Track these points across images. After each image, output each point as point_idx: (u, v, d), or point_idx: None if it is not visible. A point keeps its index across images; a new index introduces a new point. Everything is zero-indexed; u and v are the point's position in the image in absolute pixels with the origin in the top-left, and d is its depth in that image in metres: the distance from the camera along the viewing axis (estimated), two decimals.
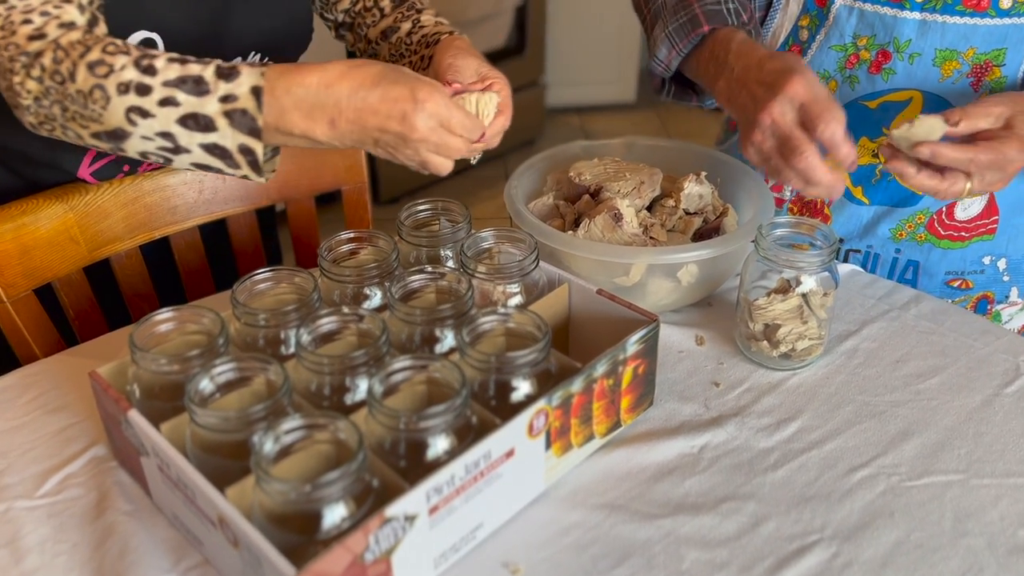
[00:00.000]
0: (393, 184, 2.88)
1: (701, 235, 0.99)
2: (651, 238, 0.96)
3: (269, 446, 0.62)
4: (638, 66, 3.59)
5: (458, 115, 0.76)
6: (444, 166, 0.79)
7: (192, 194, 1.05)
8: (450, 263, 0.88)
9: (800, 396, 0.85)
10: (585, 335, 0.87)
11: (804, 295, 0.85)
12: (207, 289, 1.09)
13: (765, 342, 0.87)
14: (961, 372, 0.87)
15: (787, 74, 0.79)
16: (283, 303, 0.77)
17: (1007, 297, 1.06)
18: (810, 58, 1.00)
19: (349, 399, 0.71)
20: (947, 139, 0.80)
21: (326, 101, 0.73)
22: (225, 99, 0.73)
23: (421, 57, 0.95)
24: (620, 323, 0.81)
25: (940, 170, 0.81)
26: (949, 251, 1.03)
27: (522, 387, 0.72)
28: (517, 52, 3.11)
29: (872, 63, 0.96)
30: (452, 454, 0.65)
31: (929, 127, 0.80)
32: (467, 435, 0.67)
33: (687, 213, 1.00)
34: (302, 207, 1.14)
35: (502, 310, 0.75)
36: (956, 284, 1.06)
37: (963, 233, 1.02)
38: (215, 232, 1.11)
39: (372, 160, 2.69)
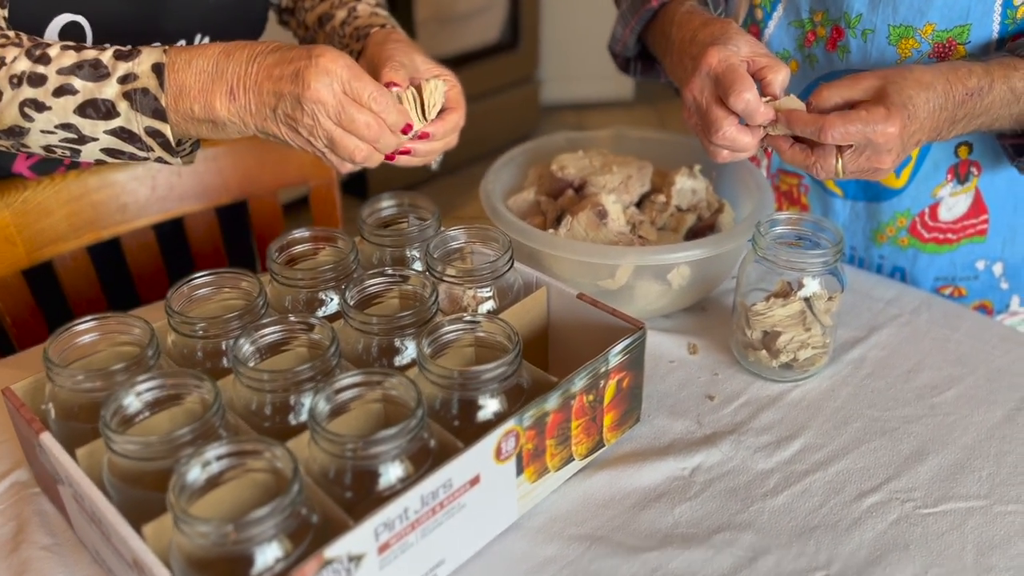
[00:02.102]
0: (382, 182, 2.80)
1: (695, 233, 0.92)
2: (639, 237, 0.88)
3: (192, 476, 0.54)
4: None
5: (366, 84, 0.68)
6: (356, 148, 0.70)
7: (144, 191, 0.97)
8: (417, 265, 0.80)
9: (803, 411, 0.77)
10: (566, 344, 0.79)
11: (807, 299, 0.77)
12: (163, 294, 1.01)
13: (764, 351, 0.79)
14: (980, 383, 0.79)
15: (706, 47, 0.77)
16: (230, 310, 0.69)
17: (1007, 306, 0.98)
18: (768, 36, 0.93)
19: (294, 420, 0.63)
20: None
21: (225, 69, 0.67)
22: (124, 79, 0.66)
23: (351, 51, 0.87)
24: (604, 331, 0.73)
25: (812, 146, 0.76)
26: (936, 256, 0.95)
27: (490, 405, 0.64)
28: (510, 47, 3.03)
29: (828, 40, 0.89)
30: (407, 483, 0.57)
31: (789, 105, 0.76)
32: (424, 461, 0.59)
33: (679, 210, 0.92)
34: (265, 204, 1.06)
35: (469, 317, 0.67)
36: (948, 292, 0.97)
37: (950, 235, 0.93)
38: (173, 232, 1.03)
39: None
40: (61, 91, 0.67)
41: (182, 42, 0.85)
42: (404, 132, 0.73)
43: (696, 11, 0.85)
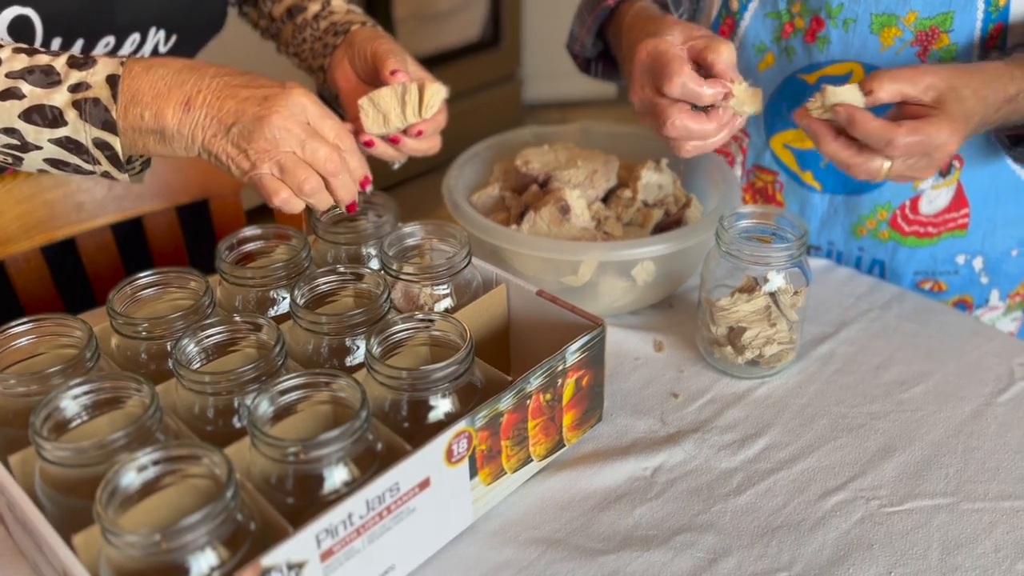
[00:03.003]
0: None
1: (662, 229, 0.90)
2: (605, 232, 0.86)
3: (125, 483, 0.52)
4: None
5: (334, 123, 0.68)
6: (306, 178, 0.66)
7: (100, 190, 0.95)
8: (375, 263, 0.78)
9: (768, 408, 0.75)
10: (527, 342, 0.77)
11: (772, 294, 0.76)
12: None
13: (729, 347, 0.78)
14: (949, 379, 0.78)
15: (641, 43, 0.75)
16: (179, 310, 0.67)
17: (987, 301, 0.96)
18: (744, 29, 0.91)
19: (239, 423, 0.61)
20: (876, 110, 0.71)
21: (186, 80, 0.65)
22: (76, 88, 0.64)
23: (325, 45, 0.86)
24: (564, 328, 0.71)
25: (857, 143, 0.71)
26: (916, 249, 0.94)
27: (441, 406, 0.62)
28: (492, 45, 3.01)
29: (807, 31, 0.87)
30: (353, 487, 0.55)
31: (846, 97, 0.70)
32: (370, 464, 0.57)
33: (645, 205, 0.91)
34: (227, 204, 1.04)
35: (421, 316, 0.65)
36: (928, 286, 0.96)
37: (930, 228, 0.92)
38: (131, 233, 1.01)
39: None
40: (7, 94, 0.64)
41: (135, 35, 0.83)
42: (362, 186, 0.71)
43: (644, 12, 0.82)
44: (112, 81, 0.63)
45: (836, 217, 0.95)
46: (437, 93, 0.74)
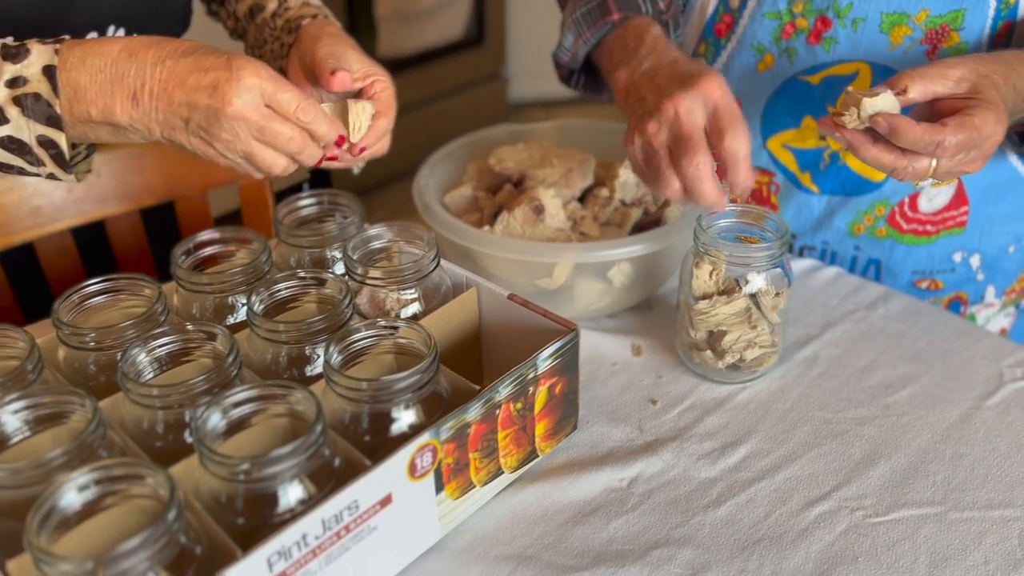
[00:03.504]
0: (348, 181, 2.73)
1: (641, 229, 0.87)
2: (581, 233, 0.84)
3: (63, 504, 0.48)
4: None
5: (293, 96, 0.62)
6: (274, 162, 0.64)
7: (59, 192, 0.91)
8: (339, 267, 0.75)
9: (750, 414, 0.73)
10: (499, 348, 0.74)
11: (752, 296, 0.73)
12: None
13: (709, 352, 0.75)
14: (936, 382, 0.75)
15: (705, 74, 0.69)
16: (131, 318, 0.64)
17: (982, 298, 0.94)
18: (742, 29, 0.88)
19: (190, 438, 0.58)
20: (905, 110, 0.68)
21: (127, 71, 0.60)
22: (13, 83, 0.60)
23: (282, 45, 0.81)
24: (537, 333, 0.68)
25: (903, 147, 0.68)
26: (914, 247, 0.91)
27: (404, 418, 0.59)
28: (476, 43, 2.98)
29: (811, 32, 0.83)
30: (309, 506, 0.52)
31: (883, 106, 0.66)
32: (327, 481, 0.54)
33: (623, 204, 0.88)
34: (194, 205, 1.00)
35: (384, 323, 0.62)
36: (924, 285, 0.94)
37: (929, 227, 0.89)
38: (94, 237, 0.97)
39: None
40: None
41: (93, 34, 0.80)
42: (338, 144, 0.68)
43: (669, 40, 0.78)
44: (49, 73, 0.60)
45: (832, 217, 0.92)
46: (362, 113, 0.69)
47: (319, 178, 2.69)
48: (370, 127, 0.69)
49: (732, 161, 0.68)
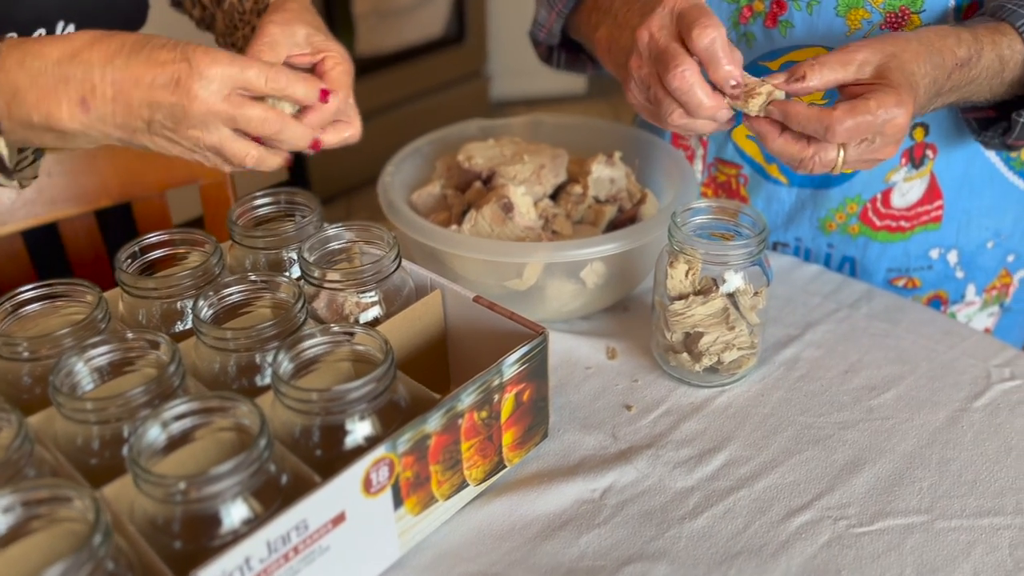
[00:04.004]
0: (328, 181, 2.69)
1: (616, 227, 0.84)
2: (553, 232, 0.80)
3: None
4: None
5: (259, 70, 0.58)
6: (246, 152, 0.61)
7: (6, 193, 0.87)
8: (297, 269, 0.71)
9: (728, 419, 0.70)
10: (466, 354, 0.71)
11: (730, 295, 0.70)
12: None
13: (686, 354, 0.72)
14: (922, 383, 0.72)
15: None
16: (70, 326, 0.60)
17: (963, 296, 0.91)
18: None
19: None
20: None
21: (72, 74, 0.56)
22: None
23: (253, 28, 0.77)
24: (504, 337, 0.65)
25: (808, 137, 0.65)
26: (889, 244, 0.88)
27: (359, 430, 0.55)
28: (456, 41, 2.94)
29: (767, 15, 0.80)
30: (253, 526, 0.48)
31: (767, 91, 0.65)
32: (273, 500, 0.50)
33: (597, 201, 0.85)
34: (152, 206, 0.96)
35: (337, 328, 0.58)
36: (901, 283, 0.91)
37: (903, 223, 0.86)
38: (46, 240, 0.93)
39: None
40: None
41: (41, 30, 0.76)
42: (323, 100, 0.63)
43: None
44: None
45: (803, 212, 0.89)
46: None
47: (298, 178, 2.66)
48: (310, 109, 0.64)
49: (708, 56, 0.64)
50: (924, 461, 0.65)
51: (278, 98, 0.62)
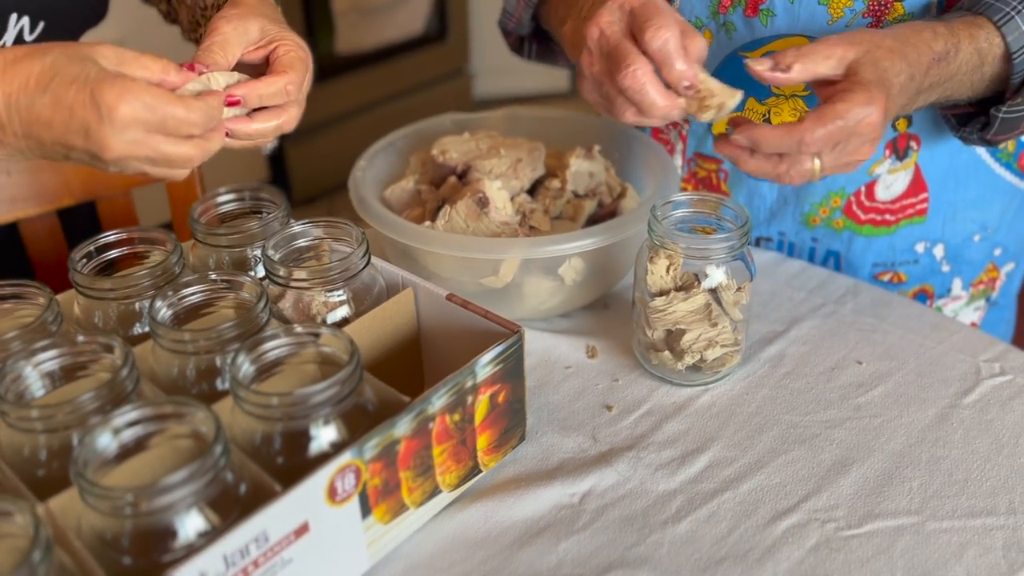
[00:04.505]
0: (309, 182, 2.65)
1: (595, 222, 0.81)
2: (531, 227, 0.78)
3: None
4: None
5: (174, 110, 0.55)
6: (177, 175, 0.59)
7: None
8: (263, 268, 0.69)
9: (712, 419, 0.67)
10: (440, 354, 0.68)
11: (712, 291, 0.68)
12: None
13: (667, 352, 0.69)
14: (910, 379, 0.70)
15: None
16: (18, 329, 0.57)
17: (949, 291, 0.89)
18: (678, 3, 0.82)
19: None
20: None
21: None
22: None
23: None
24: (479, 336, 0.62)
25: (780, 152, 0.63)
26: (874, 239, 0.86)
27: (324, 435, 0.52)
28: (438, 39, 2.91)
29: (747, 5, 0.78)
30: (209, 539, 0.46)
31: (721, 95, 0.63)
32: (231, 511, 0.48)
33: (576, 196, 0.82)
34: (116, 205, 0.93)
35: (301, 329, 0.56)
36: (886, 278, 0.89)
37: (888, 216, 0.84)
38: (6, 241, 0.90)
39: (278, 148, 2.46)
40: None
41: None
42: (228, 104, 0.61)
43: None
44: None
45: (786, 207, 0.87)
46: (219, 82, 0.61)
47: (278, 179, 2.62)
48: (253, 82, 0.61)
49: (661, 58, 0.62)
50: (914, 460, 0.63)
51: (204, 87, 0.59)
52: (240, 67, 0.64)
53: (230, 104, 0.60)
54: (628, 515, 0.59)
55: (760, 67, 0.63)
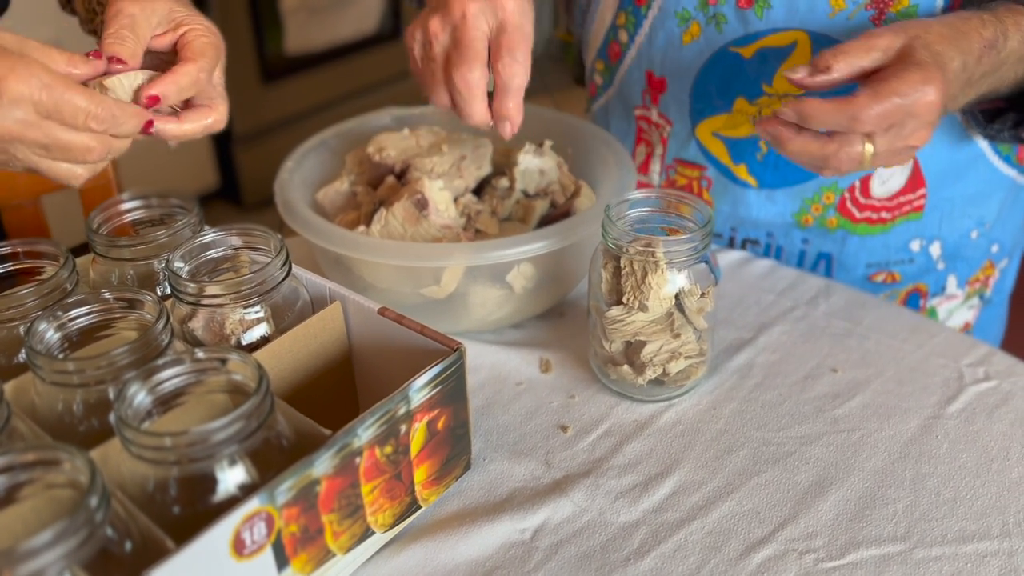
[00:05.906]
0: (260, 187, 2.56)
1: (548, 223, 0.75)
2: (476, 231, 0.71)
3: None
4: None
5: (73, 98, 0.49)
6: (71, 175, 0.53)
7: None
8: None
9: (676, 438, 0.61)
10: (375, 375, 0.61)
11: (674, 297, 0.62)
12: None
13: (627, 366, 0.63)
14: (890, 388, 0.65)
15: None
16: None
17: (943, 289, 0.84)
18: None
19: None
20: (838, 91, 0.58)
21: None
22: None
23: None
24: (416, 354, 0.56)
25: (829, 132, 0.58)
26: (868, 238, 0.81)
27: (230, 478, 0.45)
28: (392, 37, 2.83)
29: None
30: None
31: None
32: (113, 574, 0.40)
33: (527, 195, 0.76)
34: (25, 214, 0.85)
35: (203, 354, 0.48)
36: (880, 279, 0.84)
37: (884, 213, 0.79)
38: None
39: (227, 152, 2.36)
40: None
41: None
42: (149, 105, 0.54)
43: None
44: None
45: (774, 208, 0.81)
46: (118, 88, 0.54)
47: (228, 185, 2.52)
48: (164, 77, 0.55)
49: (502, 88, 0.63)
50: (897, 479, 0.57)
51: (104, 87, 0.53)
52: (146, 55, 0.57)
53: (150, 104, 0.54)
54: (586, 552, 0.53)
55: (797, 75, 0.59)
